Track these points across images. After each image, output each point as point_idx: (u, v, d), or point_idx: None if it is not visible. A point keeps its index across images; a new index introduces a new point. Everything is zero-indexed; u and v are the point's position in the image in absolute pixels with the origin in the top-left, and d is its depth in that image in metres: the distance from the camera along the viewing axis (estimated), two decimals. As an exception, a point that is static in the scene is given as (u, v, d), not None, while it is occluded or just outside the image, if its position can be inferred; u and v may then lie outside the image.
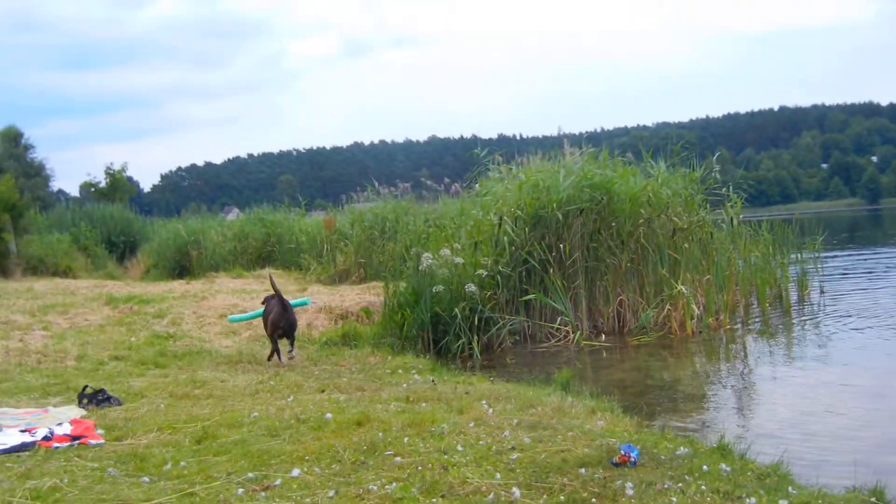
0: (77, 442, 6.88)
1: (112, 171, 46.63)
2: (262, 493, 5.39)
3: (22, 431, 7.13)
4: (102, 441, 6.95)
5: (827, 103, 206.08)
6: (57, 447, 6.75)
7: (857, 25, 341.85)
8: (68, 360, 11.27)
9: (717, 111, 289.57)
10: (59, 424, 7.36)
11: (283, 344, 11.29)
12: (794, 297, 17.26)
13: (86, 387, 8.75)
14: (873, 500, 5.10)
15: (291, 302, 11.78)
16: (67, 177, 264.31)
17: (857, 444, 7.32)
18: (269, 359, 11.34)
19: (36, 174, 52.43)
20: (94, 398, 8.46)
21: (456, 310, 12.86)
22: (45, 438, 6.92)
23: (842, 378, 10.25)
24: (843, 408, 8.79)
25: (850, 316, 14.66)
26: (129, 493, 5.45)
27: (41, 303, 16.50)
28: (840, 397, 9.30)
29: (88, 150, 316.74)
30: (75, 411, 8.06)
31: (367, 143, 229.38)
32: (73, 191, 72.72)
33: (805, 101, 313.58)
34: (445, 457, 6.06)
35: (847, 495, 5.30)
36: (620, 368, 11.58)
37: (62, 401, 8.68)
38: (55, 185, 72.60)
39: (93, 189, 46.72)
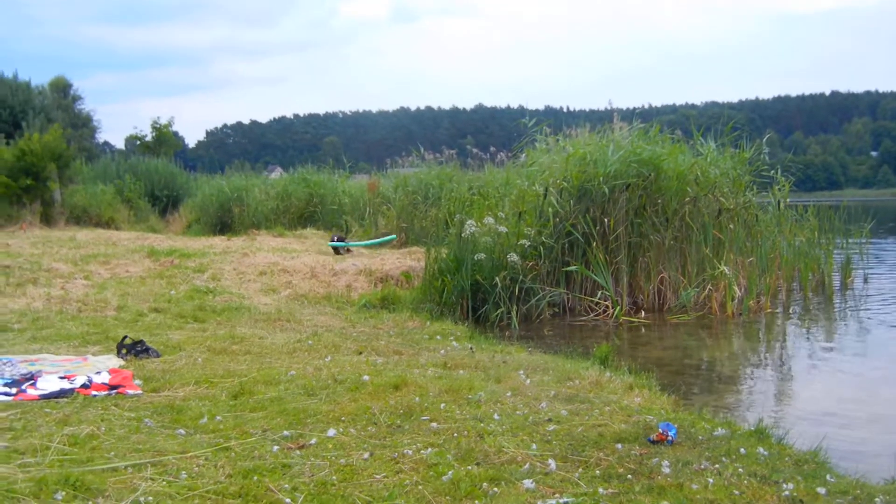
0: (115, 391, 6.93)
1: (158, 126, 46.83)
2: (297, 452, 5.39)
3: (61, 378, 7.19)
4: (140, 392, 6.99)
5: (880, 90, 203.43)
6: (95, 395, 6.80)
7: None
8: (108, 310, 11.36)
9: (767, 93, 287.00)
10: (98, 373, 7.41)
11: None
12: (837, 283, 17.06)
13: (125, 337, 8.81)
14: (913, 492, 5.02)
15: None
16: (114, 129, 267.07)
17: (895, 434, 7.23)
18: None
19: (83, 125, 52.71)
20: (133, 349, 8.52)
21: (497, 278, 12.84)
22: (84, 386, 6.98)
23: (882, 367, 10.16)
24: (883, 397, 8.70)
25: (891, 305, 14.51)
26: (164, 444, 5.48)
27: (83, 252, 16.64)
28: (880, 387, 9.20)
29: (135, 104, 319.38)
30: (114, 361, 8.13)
31: (413, 108, 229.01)
32: (119, 143, 73.24)
33: (857, 86, 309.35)
34: (481, 425, 6.04)
35: (886, 486, 5.22)
36: (659, 346, 11.50)
37: (101, 350, 8.76)
38: (101, 136, 73.37)
39: (138, 142, 46.98)
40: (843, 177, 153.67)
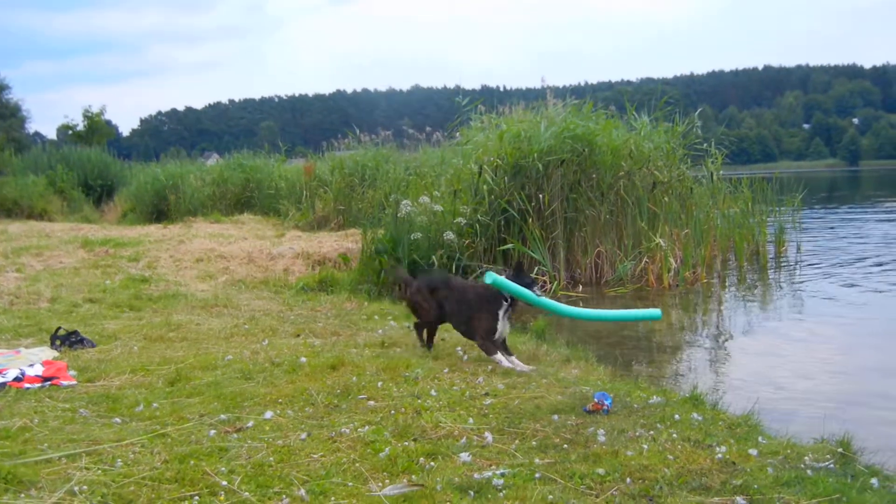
0: (49, 383, 6.83)
1: (90, 114, 46.25)
2: (234, 435, 5.37)
3: (-8, 372, 7.07)
4: (74, 382, 6.90)
5: (811, 64, 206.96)
6: (28, 388, 6.70)
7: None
8: (41, 302, 11.20)
9: (701, 68, 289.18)
10: (31, 365, 7.29)
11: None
12: (771, 253, 17.31)
13: (59, 328, 8.69)
14: (840, 450, 5.12)
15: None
16: (46, 119, 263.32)
17: (826, 396, 7.43)
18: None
19: (11, 115, 51.82)
20: (67, 340, 8.41)
21: (433, 257, 12.86)
22: (16, 379, 6.86)
23: (814, 332, 10.35)
24: (815, 361, 8.87)
25: (823, 272, 14.78)
26: (100, 433, 5.42)
27: (15, 245, 16.38)
28: (812, 351, 9.37)
29: (67, 93, 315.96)
30: (48, 353, 8.00)
31: (349, 91, 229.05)
32: (51, 133, 72.29)
33: (789, 61, 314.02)
34: (419, 401, 6.06)
35: (815, 446, 5.31)
36: (597, 319, 11.58)
37: (34, 342, 8.62)
38: (32, 127, 72.03)
39: (70, 132, 46.34)
40: (776, 149, 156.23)
